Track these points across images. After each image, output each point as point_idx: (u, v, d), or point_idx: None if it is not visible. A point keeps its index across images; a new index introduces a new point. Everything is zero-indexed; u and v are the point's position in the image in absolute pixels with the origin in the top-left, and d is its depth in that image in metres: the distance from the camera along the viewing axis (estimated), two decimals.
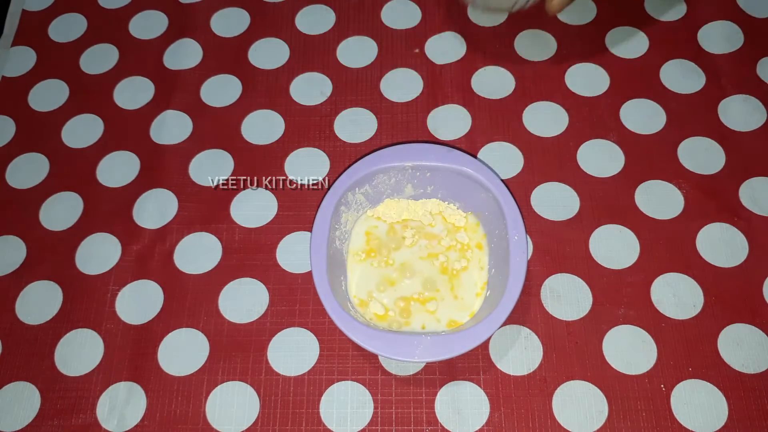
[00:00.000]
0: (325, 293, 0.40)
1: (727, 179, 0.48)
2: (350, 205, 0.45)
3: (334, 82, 0.54)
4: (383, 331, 0.40)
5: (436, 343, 0.39)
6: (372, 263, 0.45)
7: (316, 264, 0.41)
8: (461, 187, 0.45)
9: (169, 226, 0.48)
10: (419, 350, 0.39)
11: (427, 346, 0.39)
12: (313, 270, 0.41)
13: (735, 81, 0.52)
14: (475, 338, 0.39)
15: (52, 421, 0.42)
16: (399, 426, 0.41)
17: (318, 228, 0.43)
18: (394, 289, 0.44)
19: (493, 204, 0.44)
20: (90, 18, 0.59)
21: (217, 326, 0.45)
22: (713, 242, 0.46)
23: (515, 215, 0.42)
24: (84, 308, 0.46)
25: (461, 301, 0.44)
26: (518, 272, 0.40)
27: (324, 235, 0.42)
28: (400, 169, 0.45)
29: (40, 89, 0.55)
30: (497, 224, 0.44)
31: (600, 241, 0.46)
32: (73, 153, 0.52)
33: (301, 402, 0.42)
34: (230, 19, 0.58)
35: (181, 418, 0.42)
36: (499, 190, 0.43)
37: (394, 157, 0.45)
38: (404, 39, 0.56)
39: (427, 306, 0.43)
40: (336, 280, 0.43)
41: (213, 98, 0.54)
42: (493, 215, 0.44)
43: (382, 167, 0.45)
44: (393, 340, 0.39)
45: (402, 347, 0.39)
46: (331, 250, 0.42)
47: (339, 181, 0.44)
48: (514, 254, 0.41)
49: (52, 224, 0.49)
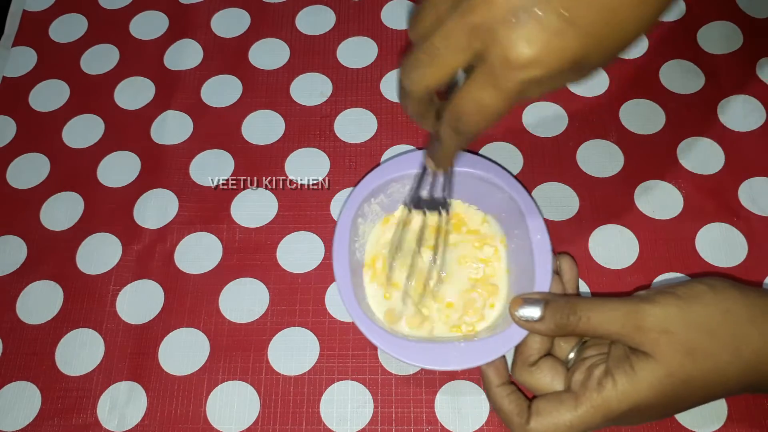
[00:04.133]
0: (353, 307, 0.40)
1: (727, 179, 0.48)
2: (366, 216, 0.45)
3: (334, 82, 0.54)
4: (415, 341, 0.40)
5: (471, 350, 0.38)
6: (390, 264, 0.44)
7: (341, 280, 0.41)
8: (475, 189, 0.45)
9: (170, 226, 0.49)
10: (454, 358, 0.38)
11: (461, 353, 0.38)
12: (339, 286, 0.41)
13: (734, 81, 0.52)
14: (507, 341, 0.38)
15: (52, 421, 0.42)
16: (399, 426, 0.41)
17: (338, 242, 0.42)
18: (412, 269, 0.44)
19: (511, 205, 0.43)
20: (91, 18, 0.59)
21: (218, 326, 0.45)
22: (713, 242, 0.46)
23: (535, 215, 0.42)
24: (85, 308, 0.46)
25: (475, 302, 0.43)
26: (545, 271, 0.40)
27: (345, 249, 0.42)
28: (414, 176, 0.44)
29: (40, 89, 0.55)
30: (516, 225, 0.43)
31: (599, 241, 0.46)
32: (73, 153, 0.52)
33: (302, 402, 0.42)
34: (230, 19, 0.58)
35: (181, 417, 0.42)
36: (516, 191, 0.43)
37: (406, 165, 0.44)
38: (404, 39, 0.56)
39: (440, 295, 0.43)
40: (358, 291, 0.42)
41: (213, 98, 0.54)
42: (512, 216, 0.43)
43: (396, 176, 0.44)
44: (425, 350, 0.39)
45: (436, 356, 0.38)
46: (352, 264, 0.42)
47: (355, 193, 0.44)
48: (538, 254, 0.40)
49: (53, 224, 0.49)
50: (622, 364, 0.34)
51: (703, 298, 0.35)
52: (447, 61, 0.30)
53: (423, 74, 0.31)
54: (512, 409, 0.37)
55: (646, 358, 0.34)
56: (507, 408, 0.37)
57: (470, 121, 0.31)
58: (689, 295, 0.35)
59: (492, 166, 0.44)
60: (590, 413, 0.34)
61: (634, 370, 0.34)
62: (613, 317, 0.35)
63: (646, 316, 0.34)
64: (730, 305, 0.34)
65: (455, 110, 0.31)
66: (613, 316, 0.35)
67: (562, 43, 0.28)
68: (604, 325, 0.35)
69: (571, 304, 0.36)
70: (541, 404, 0.36)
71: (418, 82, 0.32)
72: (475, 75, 0.30)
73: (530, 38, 0.28)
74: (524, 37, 0.28)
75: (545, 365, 0.38)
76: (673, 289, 0.35)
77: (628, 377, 0.34)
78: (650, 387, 0.33)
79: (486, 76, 0.29)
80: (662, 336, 0.34)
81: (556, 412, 0.35)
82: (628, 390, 0.34)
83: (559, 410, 0.35)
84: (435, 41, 0.30)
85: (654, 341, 0.34)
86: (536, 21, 0.28)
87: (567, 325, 0.36)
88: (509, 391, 0.38)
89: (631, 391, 0.34)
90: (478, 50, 0.29)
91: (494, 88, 0.29)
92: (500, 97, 0.29)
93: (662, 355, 0.33)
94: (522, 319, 0.37)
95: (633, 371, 0.34)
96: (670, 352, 0.33)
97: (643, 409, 0.34)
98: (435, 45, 0.30)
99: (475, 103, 0.30)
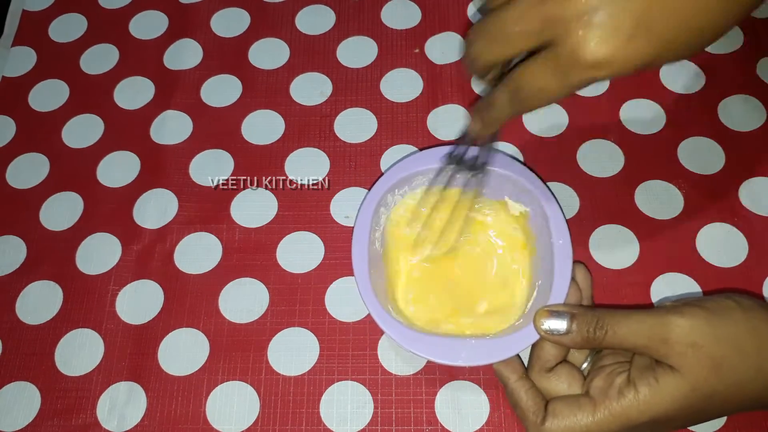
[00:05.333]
0: (369, 296, 0.40)
1: (727, 179, 0.48)
2: (389, 206, 0.45)
3: (334, 82, 0.54)
4: (428, 335, 0.39)
5: (482, 347, 0.38)
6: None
7: (358, 267, 0.41)
8: (501, 188, 0.44)
9: (170, 226, 0.48)
10: (464, 354, 0.38)
11: (472, 349, 0.38)
12: (355, 273, 0.41)
13: (735, 81, 0.52)
14: (522, 341, 0.38)
15: (52, 421, 0.42)
16: (399, 426, 0.41)
17: (359, 230, 0.42)
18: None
19: (536, 205, 0.43)
20: (90, 18, 0.59)
21: (217, 326, 0.45)
22: (713, 242, 0.46)
23: (559, 218, 0.42)
24: (84, 308, 0.46)
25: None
26: (564, 273, 0.40)
27: (365, 237, 0.42)
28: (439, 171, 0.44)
29: (40, 89, 0.55)
30: (539, 227, 0.43)
31: (600, 241, 0.46)
32: (73, 153, 0.52)
33: (301, 402, 0.42)
34: (230, 19, 0.58)
35: (181, 418, 0.42)
36: (542, 192, 0.43)
37: (433, 159, 0.44)
38: (404, 39, 0.56)
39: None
40: (376, 281, 0.42)
41: (213, 98, 0.54)
42: (536, 217, 0.43)
43: (422, 169, 0.44)
44: (437, 344, 0.39)
45: (446, 350, 0.38)
46: (371, 253, 0.42)
47: (380, 182, 0.44)
48: (559, 258, 0.40)
49: (53, 224, 0.49)
50: (645, 374, 0.34)
51: (732, 314, 0.34)
52: (514, 42, 0.30)
53: (488, 49, 0.31)
54: (530, 406, 0.37)
55: (671, 371, 0.33)
56: (525, 403, 0.37)
57: (527, 98, 0.31)
58: (718, 309, 0.34)
59: (518, 166, 0.44)
60: (608, 420, 0.34)
61: (658, 383, 0.33)
62: (640, 330, 0.34)
63: (673, 327, 0.34)
64: (757, 323, 0.34)
65: (515, 84, 0.31)
66: (640, 329, 0.34)
67: (634, 48, 0.27)
68: (630, 339, 0.34)
69: (597, 318, 0.35)
70: (559, 406, 0.36)
71: (481, 55, 0.32)
72: (542, 59, 0.29)
73: (603, 40, 0.27)
74: (597, 38, 0.27)
75: (563, 371, 0.38)
76: (701, 302, 0.35)
77: (651, 389, 0.33)
78: (673, 401, 0.33)
79: (552, 64, 0.29)
80: (689, 349, 0.33)
81: (574, 416, 0.35)
82: (650, 401, 0.33)
83: (577, 414, 0.35)
84: (507, 20, 0.30)
85: (681, 354, 0.33)
86: (612, 23, 0.27)
87: (594, 339, 0.35)
88: (529, 385, 0.38)
89: (653, 403, 0.33)
90: (548, 39, 0.29)
91: (558, 77, 0.29)
92: (561, 87, 0.29)
93: (688, 369, 0.33)
94: (548, 332, 0.37)
95: (657, 383, 0.33)
96: (696, 367, 0.33)
97: (663, 421, 0.34)
98: (506, 23, 0.30)
99: (535, 84, 0.30)
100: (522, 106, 0.32)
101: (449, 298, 0.44)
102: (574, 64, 0.28)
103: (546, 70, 0.29)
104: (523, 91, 0.31)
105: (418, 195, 0.45)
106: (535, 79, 0.30)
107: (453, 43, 0.56)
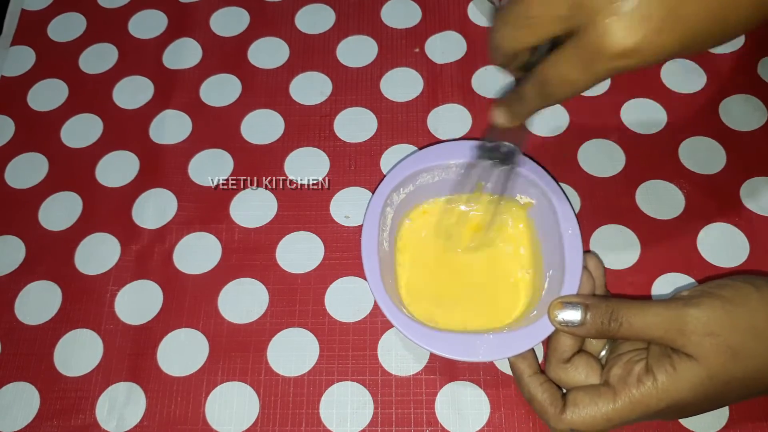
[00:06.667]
0: (381, 296, 0.40)
1: (728, 179, 0.48)
2: (395, 205, 0.44)
3: (334, 81, 0.54)
4: (445, 332, 0.39)
5: (500, 341, 0.38)
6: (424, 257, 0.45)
7: (369, 269, 0.40)
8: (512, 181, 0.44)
9: (169, 226, 0.48)
10: (483, 349, 0.38)
11: (490, 344, 0.38)
12: (367, 274, 0.40)
13: (735, 81, 0.52)
14: (537, 334, 0.38)
15: (51, 422, 0.42)
16: (399, 426, 0.41)
17: (367, 232, 0.42)
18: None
19: (542, 198, 0.43)
20: (89, 17, 0.59)
21: (217, 326, 0.45)
22: (714, 242, 0.46)
23: (567, 210, 0.42)
24: (83, 308, 0.46)
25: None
26: (575, 266, 0.39)
27: (374, 239, 0.42)
28: (444, 168, 0.44)
29: (39, 89, 0.55)
30: (546, 219, 0.43)
31: (600, 241, 0.46)
32: (72, 153, 0.52)
33: (301, 402, 0.42)
34: (230, 18, 0.58)
35: (180, 418, 0.42)
36: (549, 185, 0.43)
37: (438, 156, 0.44)
38: (404, 38, 0.56)
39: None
40: (387, 282, 0.42)
41: (213, 98, 0.54)
42: (542, 210, 0.43)
43: (426, 166, 0.44)
44: (456, 341, 0.39)
45: (466, 347, 0.38)
46: (381, 253, 0.42)
47: (384, 183, 0.43)
48: (569, 248, 0.40)
49: (52, 224, 0.49)
50: (663, 362, 0.34)
51: (749, 300, 0.34)
52: (541, 28, 0.30)
53: (514, 35, 0.31)
54: (546, 398, 0.37)
55: (688, 359, 0.33)
56: (541, 397, 0.37)
57: (555, 90, 0.31)
58: (735, 296, 0.34)
59: (522, 158, 0.44)
60: (629, 408, 0.34)
61: (676, 370, 0.34)
62: (656, 322, 0.34)
63: (690, 320, 0.34)
64: None
65: (541, 76, 0.31)
66: (656, 321, 0.34)
67: (661, 38, 0.27)
68: (646, 331, 0.35)
69: (612, 309, 0.35)
70: (579, 395, 0.36)
71: (507, 41, 0.31)
72: (567, 49, 0.29)
73: (630, 29, 0.27)
74: (625, 27, 0.27)
75: (580, 362, 0.38)
76: (719, 291, 0.35)
77: (669, 376, 0.34)
78: (692, 387, 0.33)
79: (577, 54, 0.29)
80: (706, 338, 0.33)
81: (594, 404, 0.35)
82: (668, 389, 0.34)
83: (597, 403, 0.35)
84: (534, 5, 0.30)
85: (697, 344, 0.33)
86: (640, 12, 0.27)
87: (608, 330, 0.35)
88: (542, 380, 0.38)
89: (672, 390, 0.34)
90: (574, 25, 0.28)
91: (583, 67, 0.29)
92: (587, 77, 0.29)
93: (706, 357, 0.33)
94: (562, 323, 0.37)
95: (674, 371, 0.34)
96: (713, 355, 0.33)
97: (681, 406, 0.34)
98: (533, 8, 0.30)
99: (562, 76, 0.30)
100: (549, 99, 0.32)
101: (458, 297, 0.44)
102: (601, 53, 0.28)
103: (571, 60, 0.29)
104: (549, 85, 0.31)
105: (442, 198, 0.46)
106: (560, 70, 0.30)
107: (453, 42, 0.55)
